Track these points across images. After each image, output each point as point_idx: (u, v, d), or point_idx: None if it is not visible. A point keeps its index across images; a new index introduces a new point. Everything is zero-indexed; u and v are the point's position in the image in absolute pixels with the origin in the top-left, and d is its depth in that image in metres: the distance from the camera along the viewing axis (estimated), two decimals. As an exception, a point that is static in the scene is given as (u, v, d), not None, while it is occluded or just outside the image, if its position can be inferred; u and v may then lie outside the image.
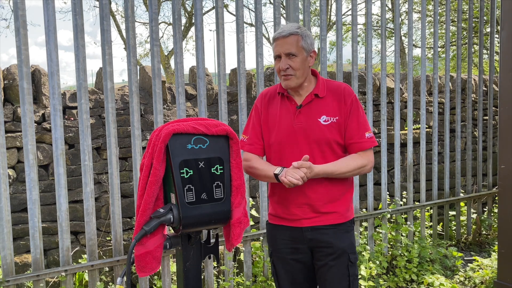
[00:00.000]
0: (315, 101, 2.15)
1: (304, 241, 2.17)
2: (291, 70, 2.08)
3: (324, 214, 2.15)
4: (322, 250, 2.15)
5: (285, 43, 2.07)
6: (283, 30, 2.09)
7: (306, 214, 2.15)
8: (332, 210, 2.16)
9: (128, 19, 2.96)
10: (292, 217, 2.17)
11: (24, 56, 2.65)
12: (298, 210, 2.15)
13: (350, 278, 2.14)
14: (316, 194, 2.13)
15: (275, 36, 2.11)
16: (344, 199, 2.20)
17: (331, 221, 2.15)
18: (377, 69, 11.65)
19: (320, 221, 2.15)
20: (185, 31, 16.16)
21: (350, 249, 2.16)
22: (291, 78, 2.10)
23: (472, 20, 4.86)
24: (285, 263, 2.22)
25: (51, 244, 3.67)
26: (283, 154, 2.15)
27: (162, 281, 3.14)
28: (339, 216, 2.17)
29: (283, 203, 2.19)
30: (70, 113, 3.78)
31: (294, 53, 2.07)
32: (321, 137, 2.11)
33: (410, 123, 4.34)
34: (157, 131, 1.86)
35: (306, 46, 2.09)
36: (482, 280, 3.84)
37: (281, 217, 2.21)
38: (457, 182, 4.86)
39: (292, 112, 2.15)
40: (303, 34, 2.09)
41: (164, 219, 1.80)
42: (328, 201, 2.15)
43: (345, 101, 2.14)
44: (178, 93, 3.10)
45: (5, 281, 2.66)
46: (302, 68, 2.10)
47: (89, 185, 2.87)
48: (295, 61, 2.08)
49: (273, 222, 2.26)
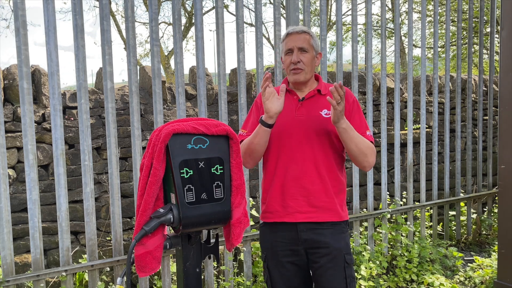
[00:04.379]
0: (317, 96, 2.21)
1: (300, 242, 2.15)
2: (302, 65, 2.15)
3: (320, 209, 2.14)
4: (318, 251, 2.14)
5: (299, 39, 2.16)
6: (295, 27, 2.20)
7: (301, 207, 2.14)
8: (328, 206, 2.15)
9: (128, 19, 2.96)
10: (287, 210, 2.15)
11: (24, 56, 2.65)
12: (293, 202, 2.15)
13: (347, 280, 2.13)
14: (313, 186, 2.13)
15: (289, 32, 2.19)
16: (339, 199, 2.20)
17: (326, 219, 2.15)
18: (377, 69, 11.65)
19: (315, 217, 2.14)
20: (185, 31, 16.15)
21: (345, 250, 2.16)
22: (301, 72, 2.16)
23: (472, 20, 4.86)
24: (280, 267, 2.20)
25: (51, 244, 3.67)
26: (282, 144, 2.17)
27: (162, 281, 3.14)
28: (334, 214, 2.17)
29: (278, 195, 2.17)
30: (70, 113, 3.78)
31: (306, 48, 2.15)
32: (321, 129, 2.14)
33: (410, 123, 4.34)
34: (157, 131, 1.87)
35: (315, 46, 2.19)
36: (482, 280, 3.84)
37: (276, 211, 2.18)
38: (457, 182, 4.86)
39: (294, 104, 2.19)
40: (313, 35, 2.21)
41: (164, 219, 1.80)
42: (325, 195, 2.15)
43: (347, 100, 2.18)
44: (178, 93, 3.10)
45: (5, 281, 2.66)
46: (311, 65, 2.18)
47: (89, 185, 2.87)
48: (306, 57, 2.15)
49: (267, 220, 2.23)
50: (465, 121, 5.21)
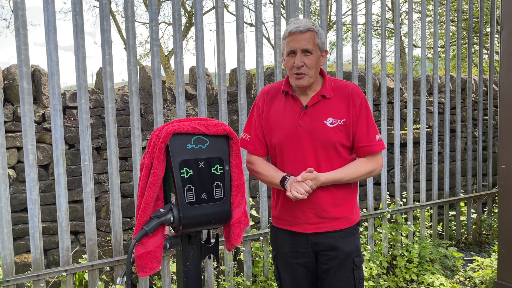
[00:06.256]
0: (322, 102, 2.05)
1: (309, 245, 2.11)
2: (305, 69, 1.98)
3: (328, 220, 2.08)
4: (327, 254, 2.10)
5: (302, 39, 1.96)
6: (299, 25, 1.97)
7: (309, 219, 2.08)
8: (337, 216, 2.08)
9: (128, 19, 2.96)
10: (296, 221, 2.11)
11: (24, 56, 2.65)
12: (302, 214, 2.09)
13: (355, 282, 2.10)
14: (319, 199, 2.05)
15: (291, 31, 1.98)
16: (348, 202, 2.12)
17: (336, 227, 2.09)
18: (377, 69, 11.65)
19: (324, 228, 2.08)
20: (185, 31, 16.15)
21: (355, 252, 2.11)
22: (304, 77, 1.99)
23: (472, 20, 4.86)
24: (288, 267, 2.17)
25: (51, 244, 3.67)
26: (286, 157, 2.08)
27: (162, 281, 3.14)
28: (344, 222, 2.10)
29: (288, 205, 2.12)
30: (70, 113, 3.78)
31: (311, 50, 1.97)
32: (326, 140, 2.02)
33: (410, 123, 4.34)
34: (157, 131, 1.87)
35: (320, 44, 2.01)
36: (482, 280, 3.84)
37: (285, 219, 2.15)
38: (457, 182, 4.86)
39: (297, 112, 2.06)
40: (318, 31, 2.00)
41: (164, 219, 1.80)
42: (332, 206, 2.07)
43: (353, 103, 2.04)
44: (178, 93, 3.10)
45: (5, 281, 2.66)
46: (315, 67, 2.01)
47: (89, 185, 2.87)
48: (310, 59, 1.98)
49: (278, 226, 2.20)
50: (465, 121, 5.21)
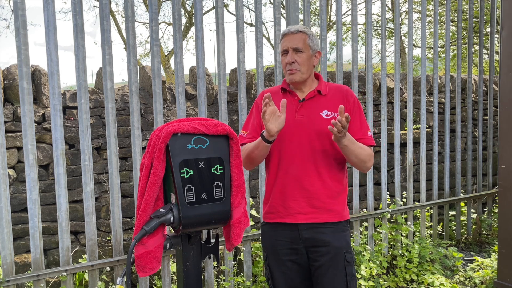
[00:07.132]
0: (318, 97, 2.21)
1: (300, 241, 2.17)
2: (297, 65, 2.15)
3: (320, 210, 2.15)
4: (319, 249, 2.15)
5: (293, 39, 2.16)
6: (291, 28, 2.20)
7: (302, 208, 2.15)
8: (330, 208, 2.17)
9: (128, 19, 2.96)
10: (288, 211, 2.17)
11: (24, 56, 2.65)
12: (294, 203, 2.16)
13: (347, 278, 2.14)
14: (313, 187, 2.14)
15: (284, 32, 2.20)
16: (340, 199, 2.21)
17: (327, 219, 2.16)
18: (377, 69, 11.65)
19: (316, 218, 2.15)
20: (185, 31, 16.15)
21: (346, 248, 2.17)
22: (296, 73, 2.16)
23: (472, 20, 4.86)
24: (281, 265, 2.21)
25: (51, 244, 3.67)
26: (283, 146, 2.17)
27: (162, 281, 3.14)
28: (335, 215, 2.18)
29: (280, 196, 2.19)
30: (70, 113, 3.78)
31: (301, 48, 2.15)
32: (321, 130, 2.13)
33: (410, 123, 4.34)
34: (157, 131, 1.87)
35: (312, 45, 2.18)
36: (482, 280, 3.84)
37: (277, 211, 2.20)
38: (457, 182, 4.86)
39: (295, 105, 2.20)
40: (310, 34, 2.20)
41: (164, 219, 1.80)
42: (327, 197, 2.16)
43: (347, 99, 2.21)
44: (178, 93, 3.10)
45: (5, 281, 2.66)
46: (307, 64, 2.17)
47: (89, 185, 2.87)
48: (301, 57, 2.15)
49: (269, 221, 2.25)
50: (465, 121, 5.21)
